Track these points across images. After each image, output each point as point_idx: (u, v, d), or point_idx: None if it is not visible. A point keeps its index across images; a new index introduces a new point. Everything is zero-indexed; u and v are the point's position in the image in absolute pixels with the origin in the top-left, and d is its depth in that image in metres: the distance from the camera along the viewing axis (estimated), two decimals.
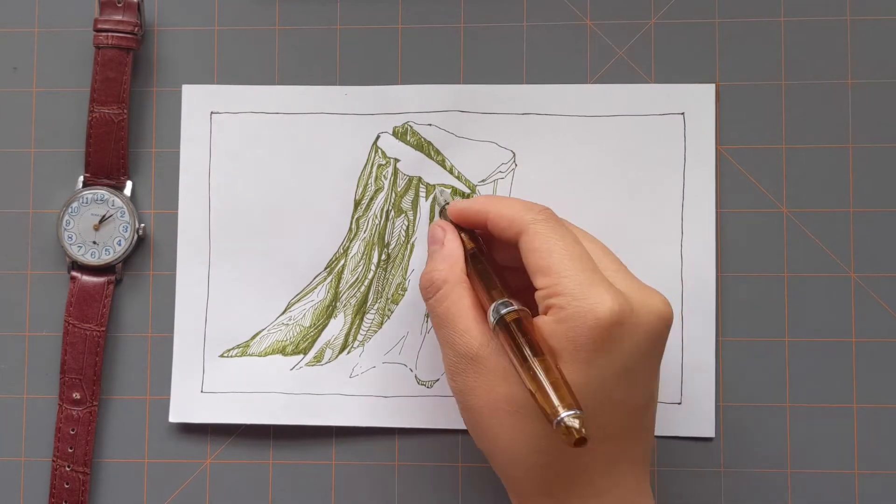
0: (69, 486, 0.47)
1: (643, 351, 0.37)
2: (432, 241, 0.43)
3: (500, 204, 0.41)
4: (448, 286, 0.40)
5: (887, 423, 0.46)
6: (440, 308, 0.40)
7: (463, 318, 0.39)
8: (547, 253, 0.38)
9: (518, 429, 0.37)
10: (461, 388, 0.39)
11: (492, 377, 0.38)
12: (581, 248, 0.38)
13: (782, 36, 0.47)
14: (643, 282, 0.39)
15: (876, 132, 0.47)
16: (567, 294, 0.37)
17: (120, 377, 0.48)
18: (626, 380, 0.37)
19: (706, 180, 0.47)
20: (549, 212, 0.40)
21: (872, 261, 0.47)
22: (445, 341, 0.40)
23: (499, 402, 0.38)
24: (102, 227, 0.47)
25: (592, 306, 0.36)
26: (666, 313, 0.38)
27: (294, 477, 0.47)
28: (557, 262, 0.38)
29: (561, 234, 0.39)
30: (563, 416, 0.33)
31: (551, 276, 0.37)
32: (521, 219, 0.39)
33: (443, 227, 0.43)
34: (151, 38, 0.49)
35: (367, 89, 0.48)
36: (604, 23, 0.48)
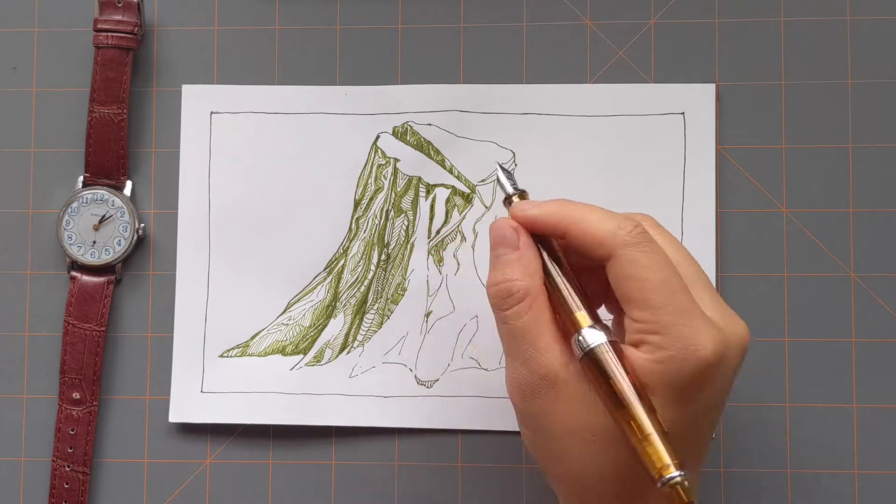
0: (69, 486, 0.47)
1: (730, 382, 0.36)
2: (502, 242, 0.38)
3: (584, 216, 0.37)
4: (530, 299, 0.37)
5: (887, 423, 0.46)
6: (518, 323, 0.37)
7: (545, 336, 0.36)
8: (644, 283, 0.35)
9: (597, 458, 0.36)
10: (534, 410, 0.36)
11: (573, 403, 0.36)
12: (678, 277, 0.36)
13: (782, 36, 0.47)
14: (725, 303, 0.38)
15: (876, 132, 0.47)
16: (668, 334, 0.34)
17: (120, 377, 0.48)
18: (713, 413, 0.36)
19: (706, 180, 0.47)
20: (642, 229, 0.36)
21: (872, 261, 0.46)
22: (521, 358, 0.37)
23: (580, 430, 0.35)
24: (102, 227, 0.47)
25: (696, 349, 0.34)
26: (748, 341, 0.37)
27: (294, 477, 0.47)
28: (654, 296, 0.35)
29: (657, 260, 0.36)
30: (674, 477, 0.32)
31: (648, 310, 0.35)
32: (612, 240, 0.36)
33: (515, 230, 0.38)
34: (151, 38, 0.49)
35: (367, 89, 0.48)
36: (604, 23, 0.48)
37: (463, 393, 0.47)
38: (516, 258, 0.38)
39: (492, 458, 0.47)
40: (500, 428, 0.46)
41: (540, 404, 0.36)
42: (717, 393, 0.36)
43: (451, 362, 0.47)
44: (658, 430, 0.33)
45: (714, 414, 0.37)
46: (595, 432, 0.35)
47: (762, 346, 0.46)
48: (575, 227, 0.37)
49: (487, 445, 0.47)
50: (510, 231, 0.38)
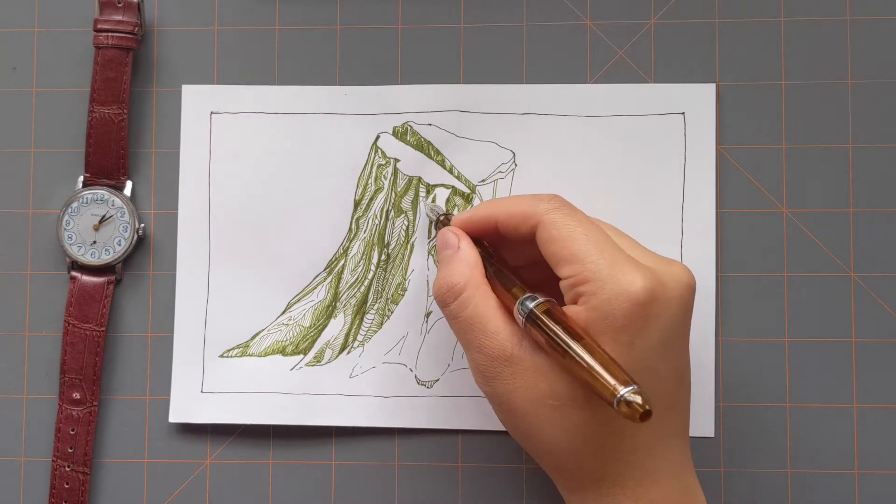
0: (69, 486, 0.47)
1: (677, 321, 0.37)
2: (444, 246, 0.42)
3: (507, 203, 0.41)
4: (471, 289, 0.39)
5: (887, 423, 0.46)
6: (465, 312, 0.39)
7: (492, 320, 0.39)
8: (568, 240, 0.38)
9: (566, 421, 0.37)
10: (498, 391, 0.38)
11: (531, 375, 0.37)
12: (600, 231, 0.38)
13: (782, 36, 0.47)
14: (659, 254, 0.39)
15: (876, 132, 0.47)
16: (596, 279, 0.36)
17: (120, 377, 0.48)
18: (664, 353, 0.37)
19: (706, 180, 0.47)
20: (559, 199, 0.40)
21: (872, 261, 0.46)
22: (474, 346, 0.39)
23: (543, 399, 0.37)
24: (102, 227, 0.47)
25: (625, 287, 0.36)
26: (691, 281, 0.38)
27: (294, 477, 0.47)
28: (581, 248, 0.37)
29: (578, 219, 0.38)
30: (624, 393, 0.33)
31: (576, 263, 0.37)
32: (534, 211, 0.39)
33: (455, 233, 0.42)
34: (151, 38, 0.49)
35: (367, 89, 0.48)
36: (604, 23, 0.48)
37: (463, 393, 0.47)
38: (455, 256, 0.41)
39: (492, 458, 0.47)
40: (500, 428, 0.46)
41: (501, 384, 0.38)
42: (663, 332, 0.37)
43: (451, 362, 0.47)
44: (601, 360, 0.34)
45: (670, 354, 0.38)
46: (558, 397, 0.37)
47: (762, 346, 0.46)
48: (503, 213, 0.40)
49: (487, 445, 0.47)
50: (451, 235, 0.42)
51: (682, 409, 0.39)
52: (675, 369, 0.38)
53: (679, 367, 0.39)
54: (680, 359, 0.39)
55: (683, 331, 0.39)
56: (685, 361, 0.39)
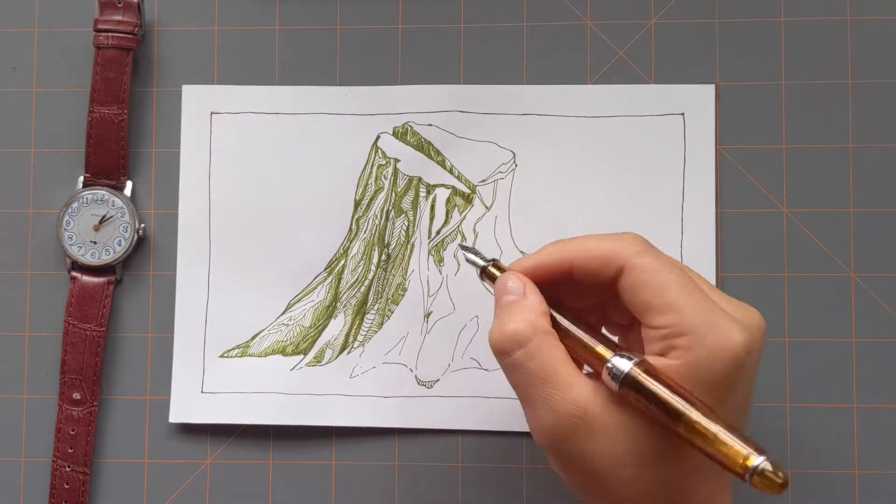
0: (69, 486, 0.47)
1: (756, 371, 0.36)
2: (506, 291, 0.37)
3: (583, 245, 0.37)
4: (539, 338, 0.36)
5: (887, 423, 0.46)
6: (531, 364, 0.35)
7: (563, 373, 0.35)
8: (662, 288, 0.34)
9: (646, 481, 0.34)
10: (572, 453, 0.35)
11: (610, 434, 0.34)
12: (690, 278, 0.35)
13: (782, 36, 0.47)
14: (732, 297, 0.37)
15: (876, 132, 0.47)
16: (693, 333, 0.34)
17: (120, 377, 0.48)
18: (746, 405, 0.36)
19: (706, 180, 0.47)
20: (643, 240, 0.37)
21: (872, 261, 0.47)
22: (542, 402, 0.35)
23: (625, 459, 0.34)
24: (102, 227, 0.47)
25: (726, 343, 0.33)
26: (764, 326, 0.36)
27: (294, 477, 0.47)
28: (676, 298, 0.34)
29: (669, 264, 0.35)
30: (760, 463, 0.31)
31: (671, 313, 0.34)
32: (619, 254, 0.36)
33: (521, 280, 0.37)
34: (151, 38, 0.49)
35: (367, 89, 0.48)
36: (604, 23, 0.48)
37: (463, 393, 0.47)
38: (520, 301, 0.37)
39: (492, 458, 0.47)
40: (500, 428, 0.46)
41: (575, 446, 0.35)
42: (750, 384, 0.35)
43: (452, 362, 0.47)
44: (724, 426, 0.32)
45: (749, 403, 0.36)
46: (642, 455, 0.34)
47: None
48: (578, 257, 0.37)
49: (487, 445, 0.47)
50: (515, 281, 0.37)
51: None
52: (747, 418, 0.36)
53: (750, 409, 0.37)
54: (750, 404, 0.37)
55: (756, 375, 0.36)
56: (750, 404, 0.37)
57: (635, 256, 0.35)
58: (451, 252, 0.47)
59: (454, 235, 0.47)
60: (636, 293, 0.35)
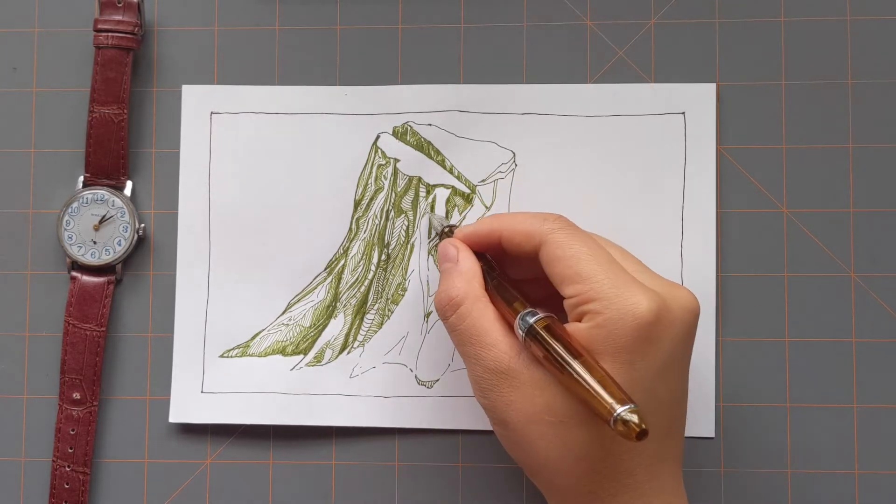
0: (69, 486, 0.47)
1: (678, 346, 0.37)
2: (444, 258, 0.42)
3: (511, 220, 0.41)
4: (469, 302, 0.39)
5: (887, 423, 0.46)
6: (463, 325, 0.39)
7: (489, 333, 0.39)
8: (573, 260, 0.38)
9: (561, 438, 0.37)
10: (495, 404, 0.38)
11: (528, 389, 0.37)
12: (605, 251, 0.38)
13: (782, 36, 0.47)
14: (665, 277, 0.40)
15: (876, 132, 0.47)
16: (601, 298, 0.36)
17: (120, 377, 0.48)
18: (665, 376, 0.37)
19: (706, 180, 0.47)
20: (564, 219, 0.40)
21: (872, 261, 0.46)
22: (472, 358, 0.39)
23: (539, 414, 0.37)
24: (102, 227, 0.47)
25: (630, 308, 0.36)
26: (695, 306, 0.38)
27: (294, 477, 0.47)
28: (585, 268, 0.37)
29: (583, 239, 0.39)
30: (621, 412, 0.33)
31: (581, 282, 0.37)
32: (539, 230, 0.39)
33: (455, 245, 0.42)
34: (151, 38, 0.49)
35: (367, 89, 0.48)
36: (604, 23, 0.48)
37: (463, 393, 0.47)
38: (455, 268, 0.41)
39: (491, 458, 0.47)
40: None
41: (498, 397, 0.38)
42: (664, 355, 0.37)
43: (451, 362, 0.47)
44: (599, 377, 0.34)
45: (670, 377, 0.38)
46: (554, 412, 0.37)
47: (762, 346, 0.46)
48: (506, 230, 0.40)
49: (487, 445, 0.47)
50: (451, 247, 0.42)
51: (678, 435, 0.39)
52: (674, 393, 0.38)
53: (678, 391, 0.39)
54: (679, 383, 0.39)
55: (685, 355, 0.39)
56: (684, 386, 0.39)
57: (551, 232, 0.39)
58: None
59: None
60: (552, 266, 0.38)
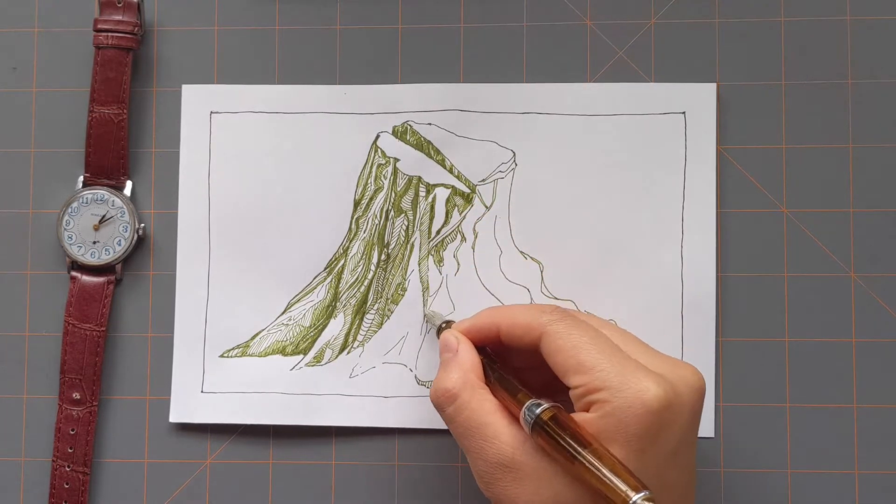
0: (69, 486, 0.47)
1: (688, 428, 0.37)
2: (445, 349, 0.41)
3: (509, 312, 0.40)
4: (467, 393, 0.39)
5: (887, 423, 0.46)
6: (461, 417, 0.39)
7: (490, 425, 0.38)
8: (574, 350, 0.37)
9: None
10: (500, 498, 0.37)
11: (534, 481, 0.36)
12: (606, 338, 0.38)
13: (782, 36, 0.47)
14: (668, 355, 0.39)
15: (876, 132, 0.47)
16: (608, 387, 0.36)
17: (120, 377, 0.48)
18: (676, 459, 0.37)
19: (706, 180, 0.47)
20: (561, 310, 0.39)
21: (872, 261, 0.46)
22: (475, 452, 0.38)
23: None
24: (102, 227, 0.47)
25: (638, 395, 0.35)
26: (701, 385, 0.38)
27: (294, 477, 0.47)
28: (588, 357, 0.37)
29: (582, 328, 0.38)
30: (636, 499, 0.32)
31: (585, 372, 0.36)
32: (537, 322, 0.39)
33: (456, 337, 0.41)
34: (151, 38, 0.49)
35: (367, 89, 0.48)
36: (604, 23, 0.48)
37: None
38: (453, 359, 0.40)
39: None
40: None
41: (503, 491, 0.37)
42: (675, 438, 0.36)
43: None
44: (611, 465, 0.33)
45: (680, 462, 0.37)
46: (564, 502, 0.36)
47: (762, 346, 0.46)
48: (505, 322, 0.40)
49: None
50: (451, 338, 0.41)
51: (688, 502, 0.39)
52: (684, 475, 0.38)
53: (687, 471, 0.38)
54: (688, 464, 0.38)
55: (693, 436, 0.38)
56: (692, 466, 0.38)
57: (550, 324, 0.38)
58: (451, 252, 0.47)
59: (454, 235, 0.47)
60: (554, 357, 0.38)
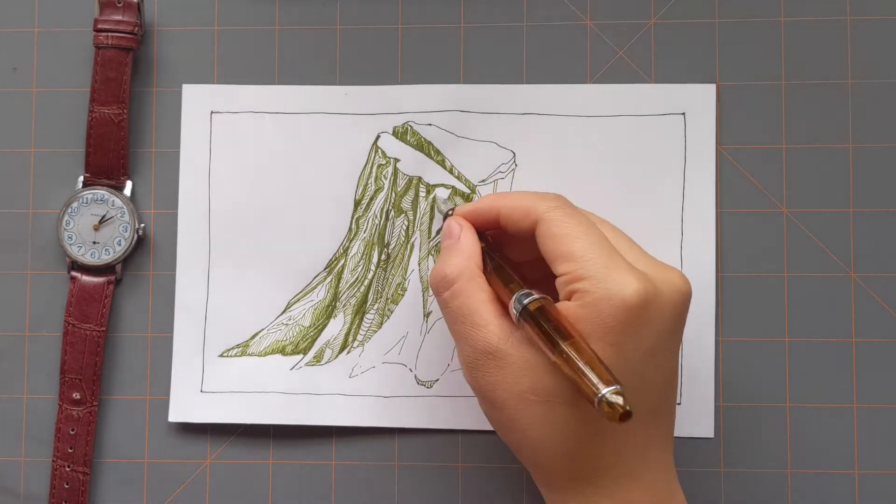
0: (69, 486, 0.47)
1: (668, 329, 0.37)
2: (447, 236, 0.42)
3: (510, 198, 0.41)
4: (463, 280, 0.39)
5: (887, 423, 0.46)
6: (455, 303, 0.39)
7: (481, 313, 0.38)
8: (567, 238, 0.38)
9: (548, 418, 0.37)
10: (482, 384, 0.38)
11: (516, 370, 0.37)
12: (599, 232, 0.38)
13: (782, 36, 0.47)
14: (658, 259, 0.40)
15: (876, 132, 0.47)
16: (591, 278, 0.36)
17: (120, 377, 0.48)
18: (653, 359, 0.37)
19: (706, 180, 0.47)
20: (562, 199, 0.40)
21: (872, 261, 0.47)
22: (462, 337, 0.39)
23: (525, 394, 0.37)
24: (102, 227, 0.47)
25: (619, 288, 0.36)
26: (686, 289, 0.38)
27: (294, 477, 0.47)
28: (578, 247, 0.37)
29: (578, 219, 0.39)
30: (605, 393, 0.32)
31: (573, 261, 0.37)
32: (536, 208, 0.39)
33: (460, 224, 0.42)
34: (151, 38, 0.49)
35: (367, 89, 0.48)
36: (604, 23, 0.48)
37: (463, 393, 0.47)
38: (454, 246, 0.41)
39: (492, 458, 0.47)
40: None
41: (485, 377, 0.38)
42: (653, 337, 0.37)
43: (451, 362, 0.47)
44: (588, 358, 0.34)
45: (659, 362, 0.38)
46: (540, 393, 0.37)
47: (762, 346, 0.46)
48: (505, 207, 0.41)
49: (487, 445, 0.47)
50: (455, 225, 0.42)
51: (667, 415, 0.39)
52: (663, 375, 0.38)
53: (667, 373, 0.39)
54: (668, 365, 0.39)
55: (675, 338, 0.39)
56: (674, 368, 0.39)
57: (547, 211, 0.39)
58: None
59: None
60: (546, 243, 0.39)
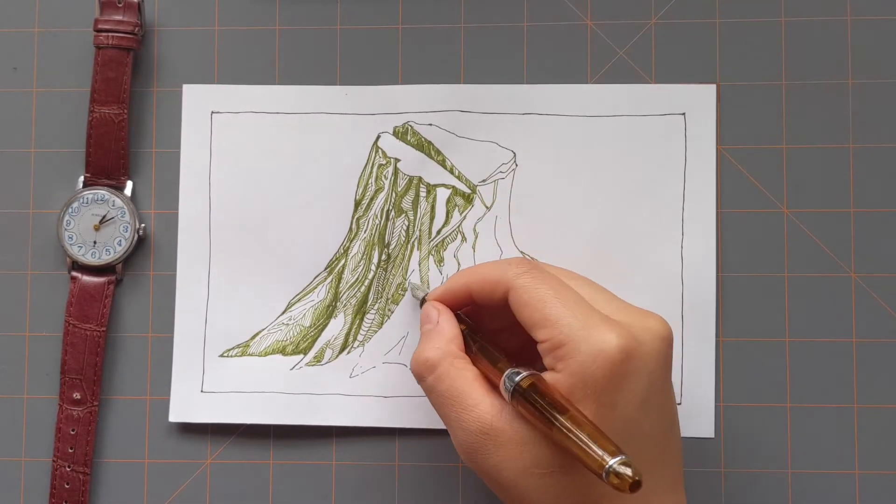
0: (69, 486, 0.47)
1: (656, 376, 0.37)
2: (425, 321, 0.42)
3: (479, 271, 0.41)
4: (445, 363, 0.39)
5: (887, 423, 0.46)
6: (441, 386, 0.39)
7: (470, 392, 0.38)
8: (540, 304, 0.37)
9: (555, 488, 0.36)
10: (485, 467, 0.37)
11: (514, 446, 0.37)
12: (570, 291, 0.38)
13: (782, 36, 0.47)
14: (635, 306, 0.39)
15: (876, 132, 0.47)
16: (571, 342, 0.36)
17: (120, 377, 0.48)
18: (646, 409, 0.37)
19: (706, 180, 0.47)
20: (527, 262, 0.40)
21: (872, 261, 0.47)
22: (454, 421, 0.38)
23: (530, 469, 0.36)
24: (103, 227, 0.47)
25: (600, 347, 0.35)
26: (666, 333, 0.38)
27: (294, 477, 0.47)
28: (552, 312, 0.37)
29: (547, 281, 0.38)
30: (612, 464, 0.32)
31: (549, 326, 0.37)
32: (503, 276, 0.39)
33: (437, 309, 0.42)
34: (151, 38, 0.49)
35: (368, 89, 0.48)
36: (604, 23, 0.48)
37: None
38: (434, 330, 0.40)
39: None
40: None
41: (486, 459, 0.37)
42: (642, 388, 0.36)
43: None
44: (588, 431, 0.33)
45: (652, 410, 0.37)
46: (544, 466, 0.36)
47: (762, 346, 0.46)
48: (475, 281, 0.40)
49: None
50: (433, 310, 0.41)
51: (673, 461, 0.39)
52: (661, 423, 0.38)
53: (665, 419, 0.38)
54: (665, 411, 0.38)
55: (664, 384, 0.38)
56: (671, 412, 0.39)
57: (516, 278, 0.38)
58: (452, 252, 0.47)
59: (454, 236, 0.47)
60: (520, 312, 0.38)
